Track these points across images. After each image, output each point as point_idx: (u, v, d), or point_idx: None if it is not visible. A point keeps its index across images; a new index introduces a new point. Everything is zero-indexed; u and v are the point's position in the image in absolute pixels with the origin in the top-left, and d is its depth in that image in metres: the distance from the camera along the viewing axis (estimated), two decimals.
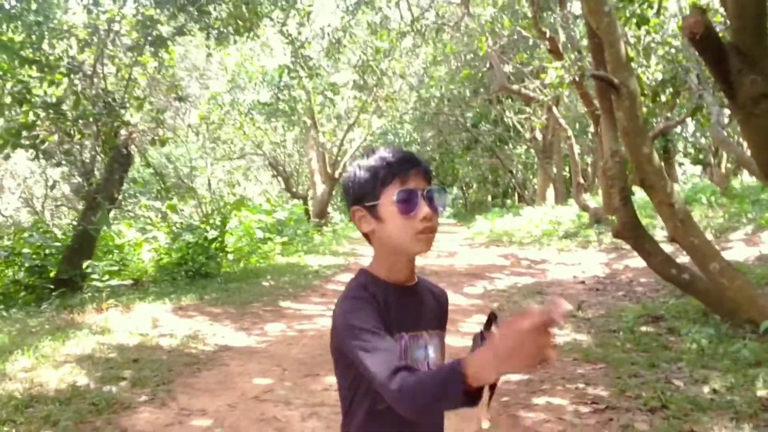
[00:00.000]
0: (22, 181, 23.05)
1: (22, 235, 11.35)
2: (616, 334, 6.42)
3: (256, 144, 23.43)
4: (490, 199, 43.30)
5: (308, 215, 21.49)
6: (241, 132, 22.35)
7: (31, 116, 9.66)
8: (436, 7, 18.90)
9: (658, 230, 10.52)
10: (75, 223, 11.51)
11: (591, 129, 16.96)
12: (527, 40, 18.30)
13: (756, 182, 13.45)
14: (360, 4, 17.09)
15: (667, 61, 11.38)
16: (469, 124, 26.92)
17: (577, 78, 13.06)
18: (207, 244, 11.45)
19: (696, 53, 6.62)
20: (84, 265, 10.01)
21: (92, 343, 6.00)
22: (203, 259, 11.08)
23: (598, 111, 9.43)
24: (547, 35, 14.36)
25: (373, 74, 19.75)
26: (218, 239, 11.95)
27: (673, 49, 11.24)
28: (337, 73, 20.89)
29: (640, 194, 10.02)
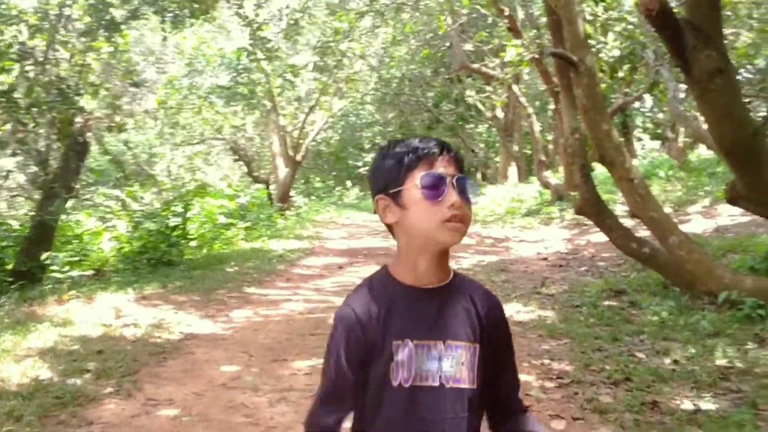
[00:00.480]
0: None
1: None
2: (580, 309, 6.52)
3: (216, 128, 23.13)
4: None
5: (271, 199, 21.34)
6: (201, 116, 22.05)
7: None
8: None
9: (619, 205, 10.66)
10: (32, 213, 11.27)
11: (551, 106, 17.09)
12: (486, 18, 18.33)
13: (712, 155, 13.72)
14: None
15: (625, 38, 11.51)
16: (430, 104, 26.92)
17: (537, 56, 13.14)
18: (169, 232, 11.31)
19: (652, 29, 6.68)
20: (43, 257, 9.81)
21: (54, 336, 5.89)
22: (165, 246, 10.94)
23: (558, 88, 9.51)
24: (506, 13, 14.40)
25: (333, 56, 19.59)
26: (180, 226, 11.81)
27: (630, 26, 11.36)
28: (296, 54, 20.67)
29: (601, 170, 10.14)
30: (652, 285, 6.93)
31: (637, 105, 20.51)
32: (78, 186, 12.24)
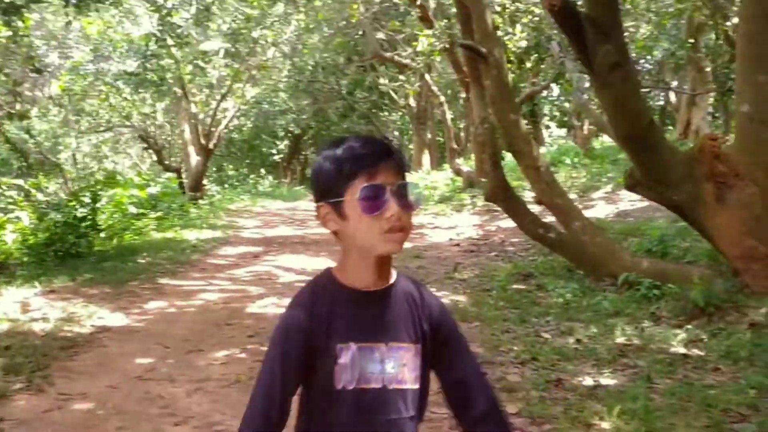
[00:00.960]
0: None
1: None
2: (490, 292, 6.77)
3: (124, 116, 22.44)
4: None
5: (183, 188, 20.90)
6: (108, 103, 21.36)
7: None
8: None
9: (527, 192, 11.02)
10: None
11: (463, 95, 17.42)
12: (399, 7, 18.48)
13: (615, 143, 14.36)
14: None
15: (531, 29, 11.87)
16: (344, 92, 26.96)
17: (448, 46, 13.37)
18: (76, 223, 10.94)
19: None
20: None
21: None
22: (73, 238, 10.58)
23: (468, 78, 9.74)
24: (418, 2, 14.57)
25: (246, 42, 19.33)
26: (89, 217, 11.45)
27: (537, 18, 11.73)
28: (207, 41, 20.27)
29: (510, 158, 10.46)
30: (558, 268, 7.26)
31: (545, 94, 21.14)
32: None
